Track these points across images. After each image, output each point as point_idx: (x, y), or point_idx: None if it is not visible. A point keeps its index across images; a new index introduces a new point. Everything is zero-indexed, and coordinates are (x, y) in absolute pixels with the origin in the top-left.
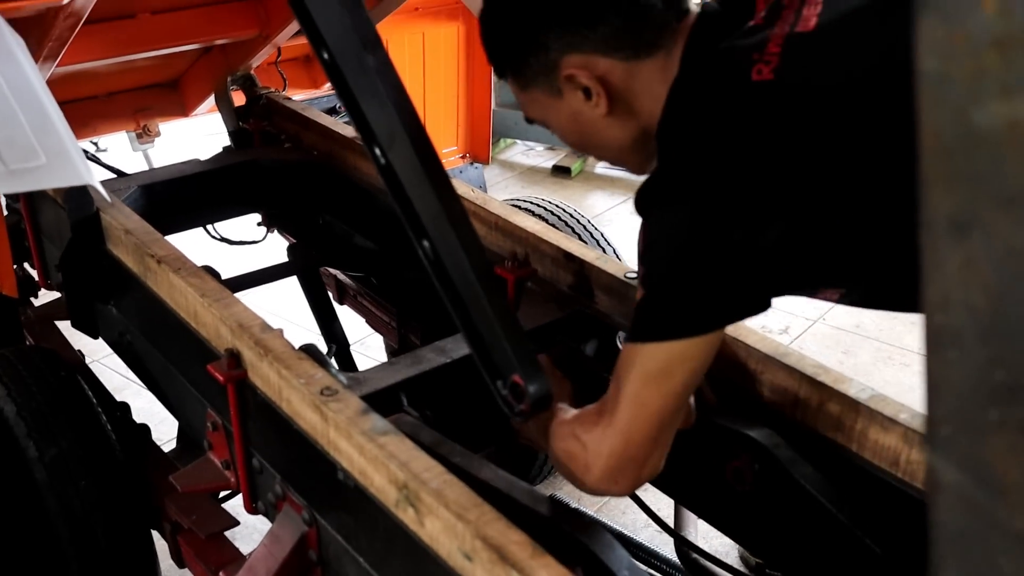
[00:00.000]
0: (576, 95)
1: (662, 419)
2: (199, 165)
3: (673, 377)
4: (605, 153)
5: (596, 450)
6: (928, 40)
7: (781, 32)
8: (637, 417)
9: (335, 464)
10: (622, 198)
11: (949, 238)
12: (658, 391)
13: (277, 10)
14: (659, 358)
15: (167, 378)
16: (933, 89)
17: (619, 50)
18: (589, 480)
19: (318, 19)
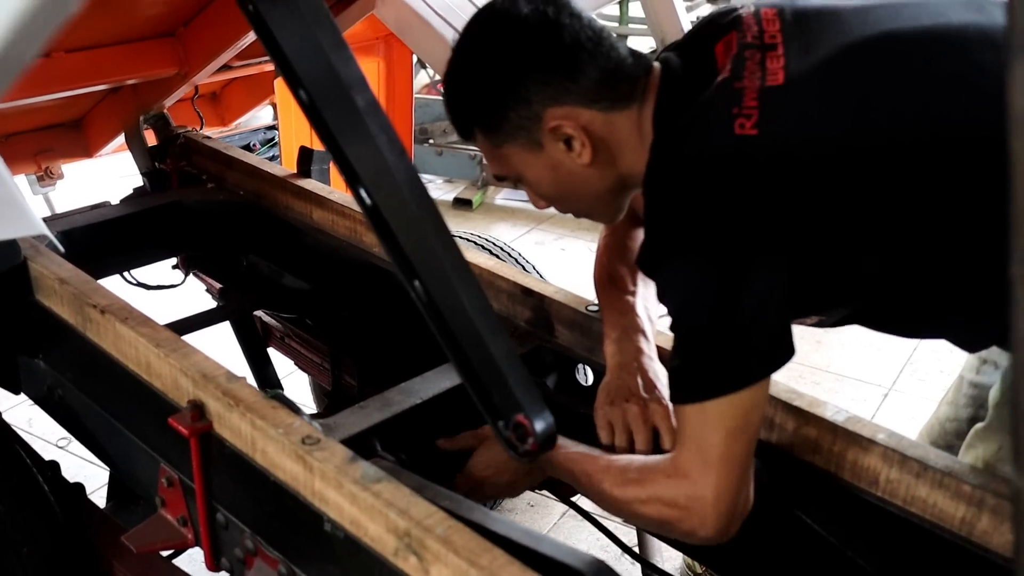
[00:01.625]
0: (558, 147)
1: (748, 460)
2: (119, 208)
3: (751, 423)
4: (580, 204)
5: (702, 511)
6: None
7: (752, 86)
8: (731, 472)
9: (321, 515)
10: (525, 229)
11: None
12: (741, 440)
13: (197, 48)
14: (737, 409)
15: (108, 434)
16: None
17: (598, 101)
18: (699, 538)
19: (295, 60)
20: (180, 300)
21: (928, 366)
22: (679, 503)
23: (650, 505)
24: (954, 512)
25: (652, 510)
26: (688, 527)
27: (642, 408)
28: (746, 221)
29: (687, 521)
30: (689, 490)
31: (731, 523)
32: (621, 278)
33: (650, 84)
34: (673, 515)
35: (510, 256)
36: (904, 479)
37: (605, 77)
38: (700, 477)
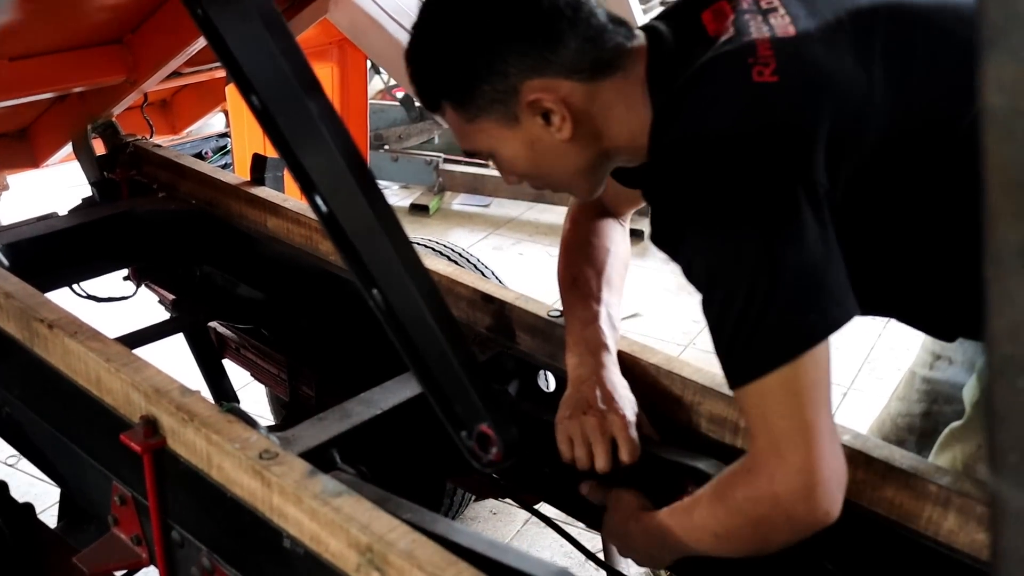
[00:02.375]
0: (535, 121)
1: (827, 423)
2: (65, 219)
3: (820, 388)
4: (556, 181)
5: (795, 490)
6: (995, 76)
7: (763, 38)
8: (809, 437)
9: (280, 531)
10: (482, 234)
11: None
12: (812, 407)
13: (145, 55)
14: (799, 376)
15: (58, 451)
16: (1000, 124)
17: (579, 72)
18: (806, 521)
19: (246, 65)
20: (133, 312)
21: (886, 364)
22: (770, 496)
23: (745, 512)
24: (920, 512)
25: (749, 516)
26: (790, 517)
27: (599, 420)
28: (780, 171)
29: (786, 511)
30: (774, 477)
31: (831, 496)
32: (585, 281)
33: (635, 51)
34: (771, 511)
35: (468, 262)
36: (870, 480)
37: (586, 46)
38: (779, 460)
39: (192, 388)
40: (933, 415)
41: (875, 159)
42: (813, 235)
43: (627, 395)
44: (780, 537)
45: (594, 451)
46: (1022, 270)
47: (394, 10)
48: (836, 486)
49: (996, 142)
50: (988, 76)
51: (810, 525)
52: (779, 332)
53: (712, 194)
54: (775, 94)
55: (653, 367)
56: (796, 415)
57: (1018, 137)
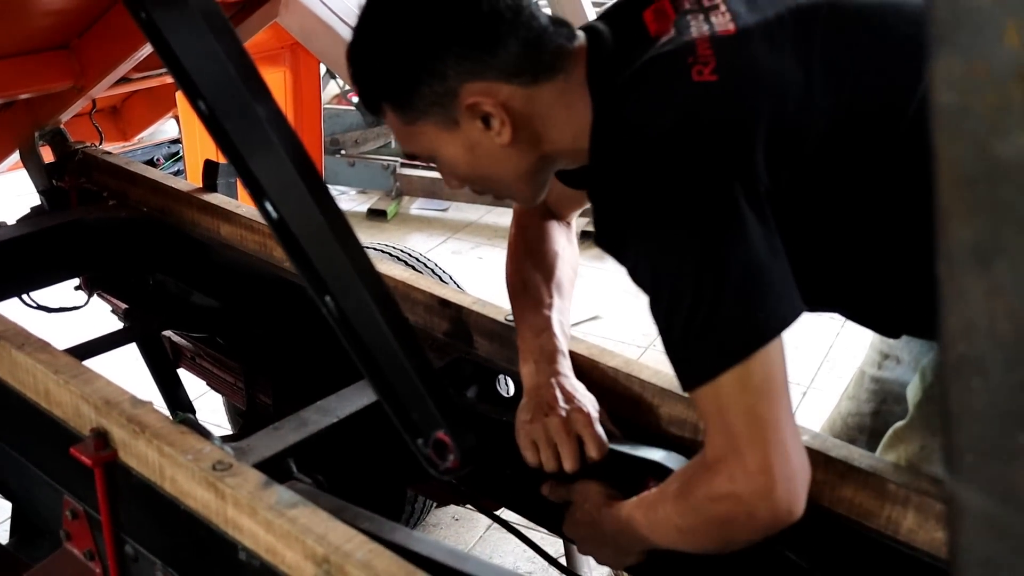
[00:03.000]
0: (475, 125)
1: (786, 419)
2: (14, 229)
3: (774, 385)
4: (497, 185)
5: (755, 489)
6: (945, 74)
7: (703, 36)
8: (767, 434)
9: (235, 544)
10: (441, 238)
11: (971, 268)
12: (770, 402)
13: (93, 60)
14: (752, 375)
15: (7, 465)
16: (950, 122)
17: (519, 75)
18: (768, 519)
19: (192, 69)
20: (86, 322)
21: (845, 363)
22: (730, 494)
23: (706, 511)
24: (879, 511)
25: (711, 514)
26: (751, 516)
27: (562, 420)
28: (720, 170)
29: (747, 510)
30: (733, 476)
31: (792, 494)
32: (535, 287)
33: (575, 53)
34: (732, 509)
35: (426, 267)
36: (829, 480)
37: (526, 49)
38: (738, 458)
39: (145, 399)
40: (883, 414)
41: (817, 156)
42: (755, 233)
43: (587, 394)
44: (742, 535)
45: (561, 451)
46: (975, 268)
47: (345, 13)
48: (799, 484)
49: (946, 140)
50: (937, 73)
51: (772, 524)
52: (728, 331)
53: (653, 195)
54: (714, 93)
55: (612, 370)
56: (752, 413)
57: (968, 134)
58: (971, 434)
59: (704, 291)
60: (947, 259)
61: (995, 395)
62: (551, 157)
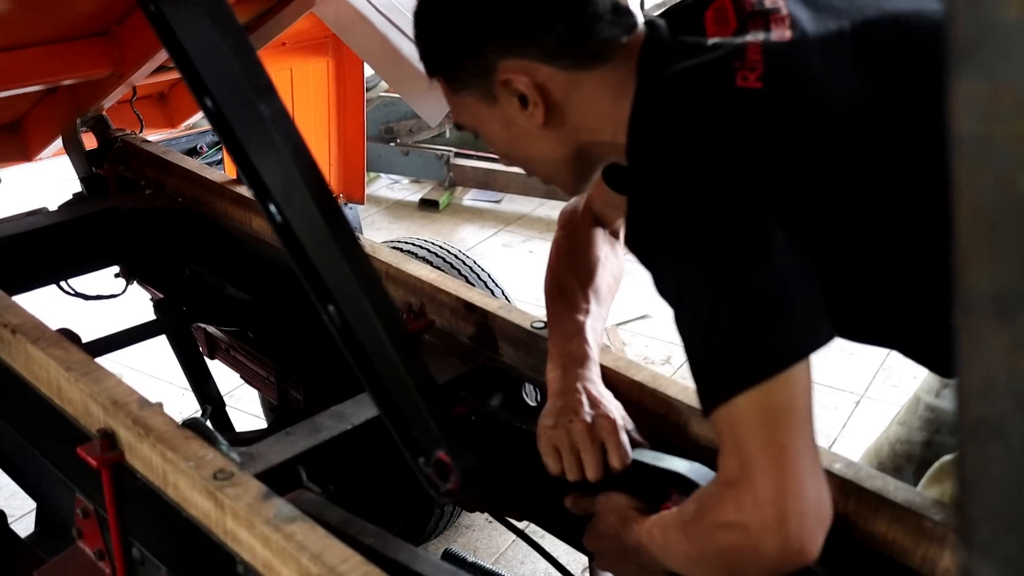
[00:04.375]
0: (512, 102)
1: (805, 451)
2: (50, 216)
3: (796, 410)
4: (536, 167)
5: (763, 521)
6: (966, 99)
7: (756, 41)
8: (782, 463)
9: (234, 556)
10: (492, 231)
11: (992, 319)
12: (788, 430)
13: (132, 47)
14: (770, 397)
15: (25, 459)
16: (972, 153)
17: (561, 59)
18: (775, 556)
19: (200, 65)
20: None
21: (902, 372)
22: (738, 524)
23: (713, 539)
24: (914, 549)
25: (717, 544)
26: (758, 551)
27: (586, 426)
28: (753, 185)
29: (754, 544)
30: (742, 505)
31: (806, 532)
32: (572, 294)
33: (630, 46)
34: (738, 541)
35: (464, 264)
36: (862, 512)
37: (574, 33)
38: (749, 485)
39: (155, 401)
40: (935, 445)
41: (865, 176)
42: (782, 254)
43: (614, 401)
44: (749, 571)
45: (583, 459)
46: (996, 319)
47: (382, 4)
48: (814, 521)
49: (967, 174)
50: (958, 98)
51: (780, 562)
52: (748, 352)
53: (681, 204)
54: (756, 100)
55: (638, 385)
56: (768, 439)
57: (992, 168)
58: (988, 504)
59: (724, 309)
60: (965, 308)
61: (1016, 461)
62: (591, 148)
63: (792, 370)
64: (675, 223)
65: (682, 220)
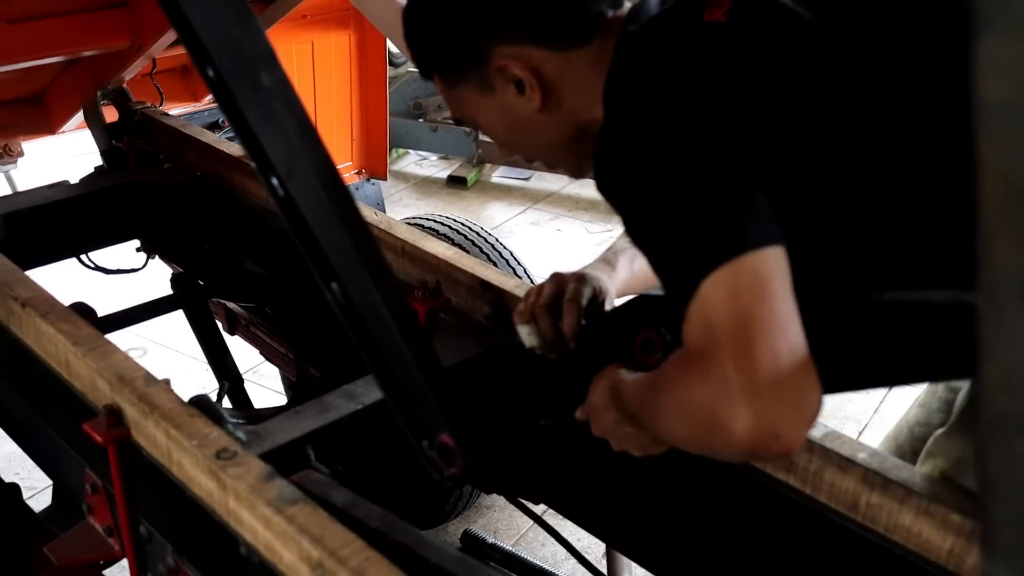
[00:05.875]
0: (508, 89)
1: (780, 324)
2: (69, 189)
3: (767, 282)
4: (538, 152)
5: (730, 395)
6: (992, 62)
7: None
8: (752, 332)
9: (236, 537)
10: (520, 208)
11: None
12: (757, 298)
13: (150, 19)
14: (737, 273)
15: (37, 434)
16: (999, 122)
17: (553, 41)
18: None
19: (201, 32)
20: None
21: None
22: (703, 393)
23: (682, 409)
24: (941, 543)
25: (686, 414)
26: (726, 423)
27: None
28: (716, 111)
29: (720, 412)
30: (707, 371)
31: (780, 409)
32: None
33: (614, 21)
34: (706, 416)
35: (486, 242)
36: (886, 504)
37: (561, 14)
38: (713, 350)
39: (161, 377)
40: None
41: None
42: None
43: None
44: (725, 449)
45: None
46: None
47: None
48: (791, 402)
49: (993, 144)
50: (983, 62)
51: (755, 445)
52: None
53: (647, 134)
54: (720, 33)
55: None
56: (737, 307)
57: (1019, 138)
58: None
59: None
60: (989, 292)
61: None
62: (590, 127)
63: (761, 251)
64: (641, 152)
65: (645, 142)
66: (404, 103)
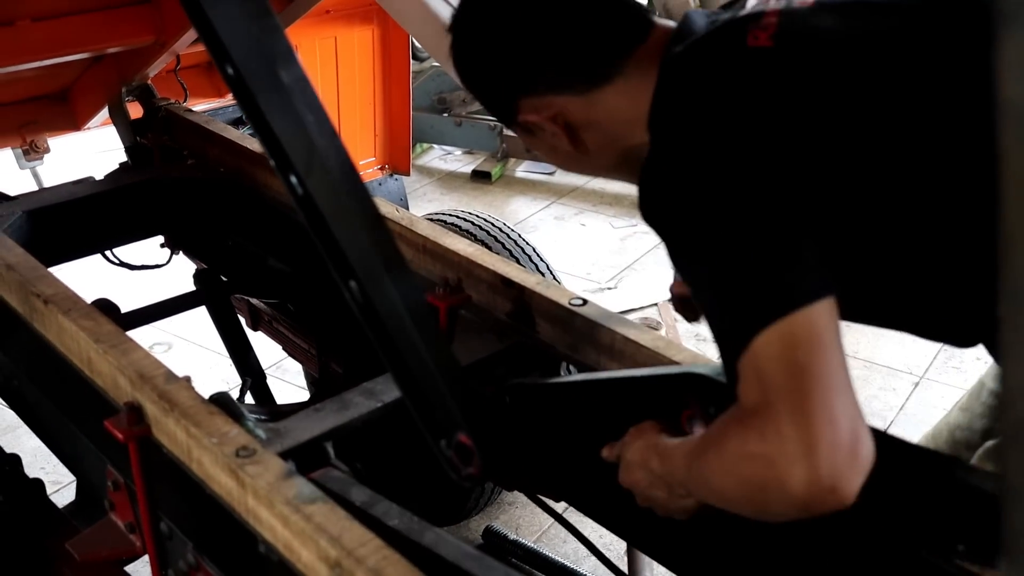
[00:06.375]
0: (543, 134)
1: (834, 378)
2: (93, 186)
3: (821, 336)
4: (598, 175)
5: (788, 452)
6: (1015, 60)
7: (775, 8)
8: (808, 387)
9: (255, 535)
10: (544, 203)
11: None
12: (811, 352)
13: (173, 15)
14: (796, 326)
15: (60, 430)
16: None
17: (572, 86)
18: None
19: (221, 30)
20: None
21: (964, 353)
22: (761, 453)
23: (737, 470)
24: None
25: (740, 474)
26: (783, 481)
27: None
28: (759, 141)
29: (779, 472)
30: (764, 429)
31: (837, 465)
32: None
33: (651, 44)
34: (762, 473)
35: (509, 238)
36: None
37: (577, 60)
38: (770, 409)
39: (182, 375)
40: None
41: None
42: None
43: None
44: (777, 507)
45: None
46: None
47: None
48: (847, 456)
49: (1016, 143)
50: (1007, 61)
51: (811, 500)
52: (765, 293)
53: (692, 164)
54: (766, 62)
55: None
56: (793, 363)
57: None
58: None
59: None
60: (1012, 296)
61: None
62: (635, 150)
63: (813, 306)
64: (685, 182)
65: (692, 178)
66: (428, 98)
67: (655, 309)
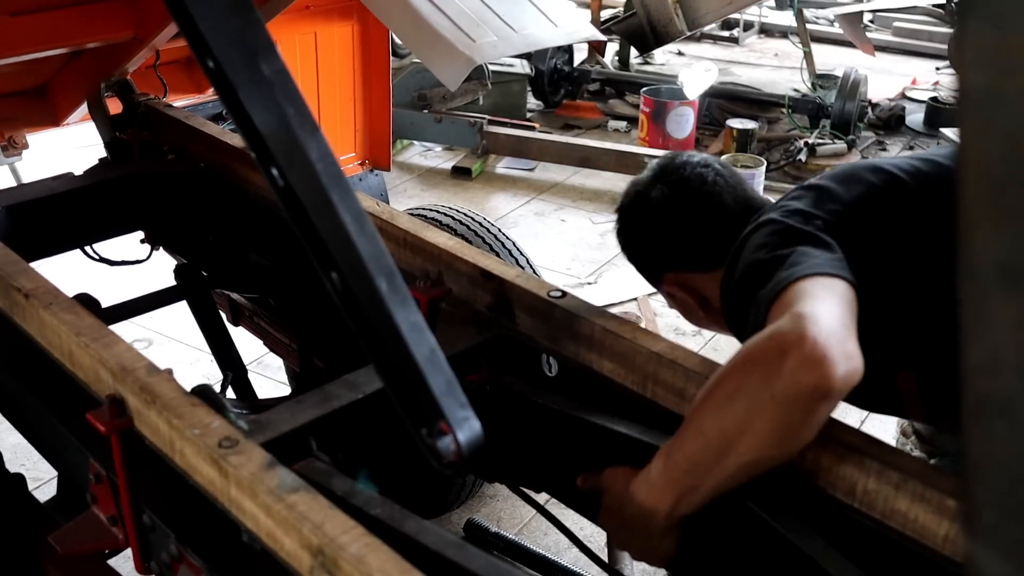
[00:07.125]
0: (679, 296)
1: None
2: (73, 181)
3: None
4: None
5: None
6: (974, 50)
7: None
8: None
9: (238, 524)
10: (525, 199)
11: (999, 290)
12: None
13: (153, 10)
14: (815, 283)
15: (42, 424)
16: (978, 108)
17: (703, 266)
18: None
19: (201, 22)
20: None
21: None
22: (775, 342)
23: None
24: (936, 529)
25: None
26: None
27: None
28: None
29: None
30: (781, 327)
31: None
32: None
33: None
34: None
35: (488, 232)
36: (882, 490)
37: (706, 249)
38: (790, 316)
39: (163, 367)
40: None
41: None
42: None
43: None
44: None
45: None
46: (1002, 291)
47: None
48: (838, 347)
49: (973, 131)
50: (965, 49)
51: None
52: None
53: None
54: None
55: (655, 356)
56: (808, 299)
57: (1000, 124)
58: (992, 488)
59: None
60: (970, 279)
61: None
62: None
63: (838, 278)
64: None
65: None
66: (408, 94)
67: (634, 304)
